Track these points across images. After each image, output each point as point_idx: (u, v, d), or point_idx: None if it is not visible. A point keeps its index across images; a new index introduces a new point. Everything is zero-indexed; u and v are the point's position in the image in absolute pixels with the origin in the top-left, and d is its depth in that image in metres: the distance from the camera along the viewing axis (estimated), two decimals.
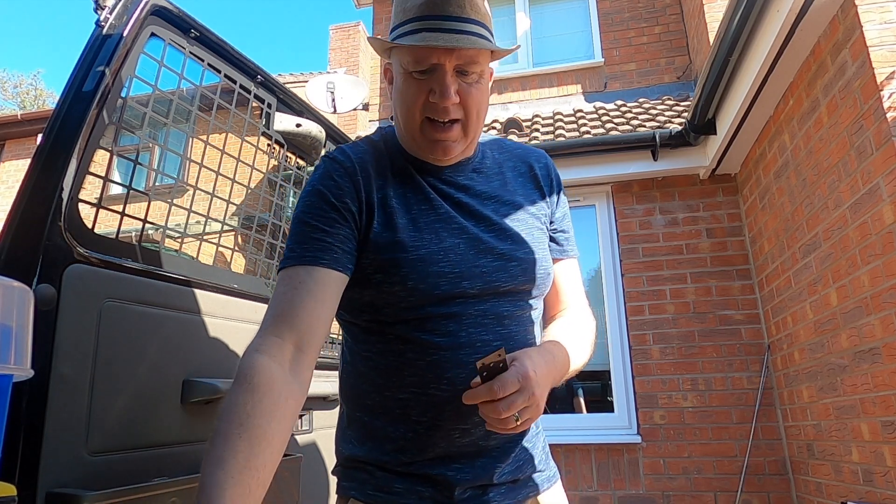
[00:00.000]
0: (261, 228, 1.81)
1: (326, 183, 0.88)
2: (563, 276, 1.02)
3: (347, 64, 7.07)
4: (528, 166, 1.02)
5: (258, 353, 0.77)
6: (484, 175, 0.97)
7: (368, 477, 0.88)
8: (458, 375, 0.84)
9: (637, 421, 3.90)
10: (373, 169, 0.91)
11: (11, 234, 1.01)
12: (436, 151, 0.89)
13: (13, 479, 0.92)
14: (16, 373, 0.65)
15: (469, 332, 0.86)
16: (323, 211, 0.86)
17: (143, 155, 1.40)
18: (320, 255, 0.83)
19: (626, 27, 5.73)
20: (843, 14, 2.51)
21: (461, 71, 0.84)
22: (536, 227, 0.96)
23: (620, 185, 4.31)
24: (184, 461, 1.23)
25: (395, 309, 0.87)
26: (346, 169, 0.89)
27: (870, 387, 2.50)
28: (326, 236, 0.84)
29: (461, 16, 0.82)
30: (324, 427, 1.74)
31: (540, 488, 0.93)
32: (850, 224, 2.57)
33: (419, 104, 0.85)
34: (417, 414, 0.86)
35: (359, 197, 0.88)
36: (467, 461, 0.86)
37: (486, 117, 0.92)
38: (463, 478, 0.85)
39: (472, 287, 0.86)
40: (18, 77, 27.13)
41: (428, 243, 0.87)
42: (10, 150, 8.53)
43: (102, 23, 1.17)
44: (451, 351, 0.85)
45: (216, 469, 0.66)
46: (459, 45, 0.81)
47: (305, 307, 0.80)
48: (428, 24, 0.82)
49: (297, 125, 1.78)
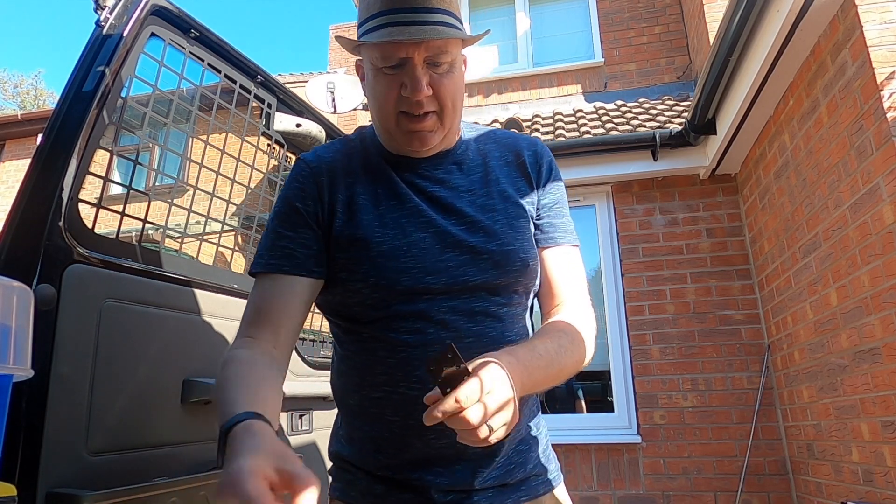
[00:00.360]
0: (261, 228, 1.81)
1: (292, 186, 0.92)
2: (554, 265, 0.95)
3: (347, 64, 7.07)
4: (516, 154, 0.98)
5: (235, 348, 0.83)
6: (465, 167, 0.94)
7: (352, 479, 0.89)
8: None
9: (637, 421, 3.90)
10: (341, 168, 0.92)
11: (11, 234, 1.01)
12: (413, 143, 0.88)
13: (13, 479, 0.92)
14: (16, 373, 0.65)
15: (437, 329, 0.83)
16: (287, 216, 0.90)
17: (143, 155, 1.40)
18: (283, 262, 0.87)
19: (626, 27, 5.73)
20: (843, 14, 2.51)
21: (431, 62, 0.82)
22: (519, 216, 0.92)
23: (620, 185, 4.31)
24: (184, 461, 1.23)
25: (362, 308, 0.86)
26: (311, 170, 0.92)
27: (870, 387, 2.50)
28: (290, 242, 0.88)
29: (425, 6, 0.80)
30: (324, 427, 1.74)
31: (536, 491, 0.90)
32: (850, 224, 2.57)
33: (392, 99, 0.84)
34: (390, 413, 0.85)
35: (321, 198, 0.90)
36: (446, 465, 0.84)
37: (462, 105, 0.90)
38: (441, 482, 0.84)
39: (436, 282, 0.84)
40: (18, 77, 27.16)
41: (391, 238, 0.86)
42: (10, 150, 8.52)
43: (102, 23, 1.17)
44: (420, 348, 0.83)
45: (229, 407, 0.69)
46: (425, 38, 0.79)
47: (273, 312, 0.86)
48: (392, 19, 0.80)
49: (297, 125, 1.78)
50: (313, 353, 1.83)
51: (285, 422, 1.60)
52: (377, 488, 0.87)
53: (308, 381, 1.67)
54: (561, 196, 0.99)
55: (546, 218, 0.96)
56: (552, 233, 0.96)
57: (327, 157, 0.94)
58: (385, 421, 0.86)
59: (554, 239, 0.96)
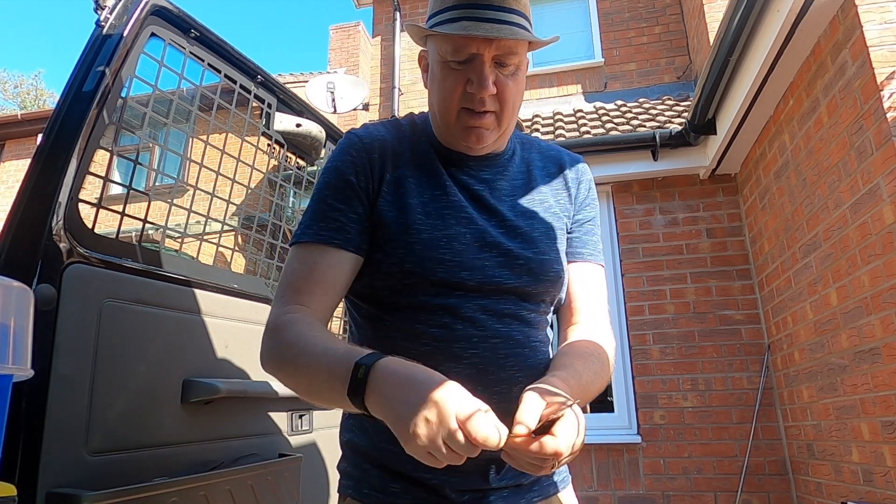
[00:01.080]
0: (261, 228, 1.81)
1: (344, 159, 0.89)
2: (577, 280, 0.95)
3: (347, 64, 7.07)
4: (559, 167, 1.00)
5: (287, 314, 0.81)
6: (509, 172, 0.95)
7: (363, 475, 0.87)
8: (450, 370, 0.78)
9: (637, 421, 3.90)
10: (391, 148, 0.91)
11: (11, 234, 1.01)
12: (469, 139, 0.87)
13: (13, 479, 0.92)
14: (16, 373, 0.65)
15: (465, 326, 0.83)
16: (339, 188, 0.87)
17: (143, 155, 1.40)
18: (334, 234, 0.84)
19: (626, 27, 5.73)
20: (843, 14, 2.51)
21: (499, 62, 0.83)
22: (556, 227, 0.93)
23: (620, 185, 4.31)
24: (184, 461, 1.23)
25: (390, 292, 0.85)
26: (364, 145, 0.90)
27: (870, 387, 2.50)
28: (341, 215, 0.85)
29: (502, 5, 0.81)
30: (324, 427, 1.74)
31: (547, 492, 0.91)
32: (850, 224, 2.57)
33: (457, 94, 0.84)
34: None
35: (371, 173, 0.88)
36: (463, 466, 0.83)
37: (519, 109, 0.90)
38: (456, 482, 0.83)
39: (471, 279, 0.84)
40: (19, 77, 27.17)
41: (432, 228, 0.85)
42: (10, 150, 8.53)
43: (102, 23, 1.17)
44: (445, 343, 0.82)
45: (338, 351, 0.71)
46: (500, 36, 0.79)
47: (319, 286, 0.83)
48: (468, 14, 0.80)
49: (297, 125, 1.78)
50: None
51: (285, 422, 1.60)
52: (393, 486, 0.85)
53: None
54: (595, 215, 1.00)
55: (577, 233, 0.97)
56: (580, 248, 0.97)
57: (378, 135, 0.92)
58: None
59: (581, 255, 0.96)
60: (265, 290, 1.64)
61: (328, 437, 1.76)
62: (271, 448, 1.50)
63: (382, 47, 6.40)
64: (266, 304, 1.59)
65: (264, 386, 1.53)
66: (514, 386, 0.82)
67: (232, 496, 1.25)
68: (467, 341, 0.82)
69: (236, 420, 1.41)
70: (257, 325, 1.54)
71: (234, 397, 1.37)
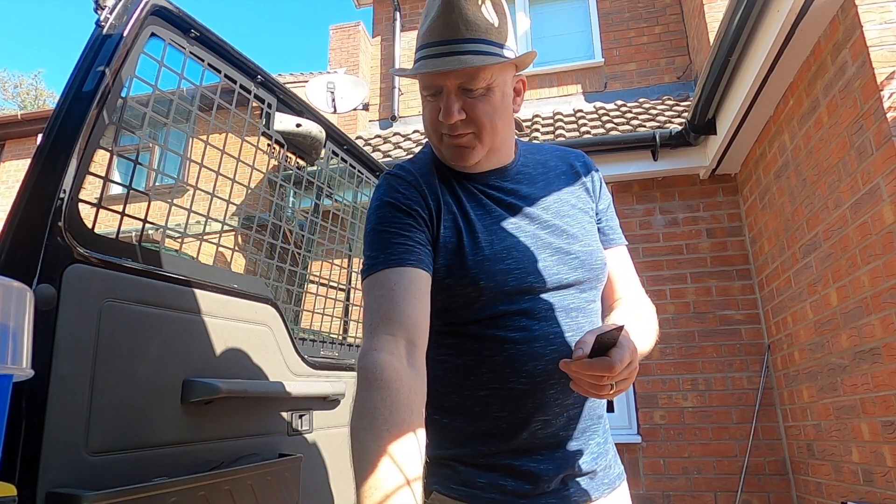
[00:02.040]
0: (261, 228, 1.81)
1: (394, 195, 0.93)
2: (615, 264, 1.04)
3: (347, 64, 7.06)
4: (570, 165, 1.06)
5: (377, 351, 0.78)
6: (527, 178, 1.01)
7: (451, 472, 0.90)
8: (535, 368, 0.88)
9: (637, 421, 3.91)
10: (433, 178, 0.97)
11: (11, 234, 1.01)
12: (455, 157, 0.95)
13: (13, 479, 0.92)
14: (15, 373, 0.65)
15: (542, 325, 0.89)
16: (397, 219, 0.90)
17: (143, 155, 1.40)
18: (406, 256, 0.87)
19: (626, 27, 5.73)
20: (843, 14, 2.51)
21: (465, 88, 0.89)
22: (586, 220, 1.00)
23: (620, 185, 4.31)
24: (184, 461, 1.23)
25: (468, 310, 0.90)
26: (409, 181, 0.95)
27: (870, 387, 2.50)
28: (406, 241, 0.88)
29: (455, 38, 0.87)
30: (324, 427, 1.74)
31: (613, 484, 0.96)
32: (850, 224, 2.57)
33: (434, 123, 0.93)
34: (497, 409, 0.89)
35: (427, 204, 0.93)
36: (548, 452, 0.89)
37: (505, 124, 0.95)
38: (546, 469, 0.88)
39: (537, 282, 0.90)
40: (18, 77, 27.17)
41: (490, 244, 0.91)
42: (10, 150, 8.52)
43: (102, 23, 1.17)
44: (527, 345, 0.88)
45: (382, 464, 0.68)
46: (448, 68, 0.86)
47: (408, 304, 0.83)
48: (428, 52, 0.89)
49: (297, 125, 1.78)
50: (313, 353, 1.83)
51: (285, 422, 1.60)
52: (479, 479, 0.88)
53: (308, 381, 1.67)
54: (610, 201, 1.09)
55: (604, 221, 1.05)
56: (611, 234, 1.05)
57: (418, 170, 0.98)
58: (491, 417, 0.89)
59: (613, 240, 1.05)
60: (265, 290, 1.64)
61: (328, 437, 1.76)
62: (271, 448, 1.50)
63: (382, 47, 6.40)
64: (266, 304, 1.59)
65: (264, 386, 1.53)
66: None
67: (232, 496, 1.25)
68: (545, 339, 0.88)
69: (236, 420, 1.41)
70: (257, 325, 1.54)
71: (234, 397, 1.37)
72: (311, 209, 2.12)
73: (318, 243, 2.12)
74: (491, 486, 0.88)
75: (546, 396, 0.87)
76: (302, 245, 2.02)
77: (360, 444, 0.71)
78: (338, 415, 1.82)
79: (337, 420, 1.82)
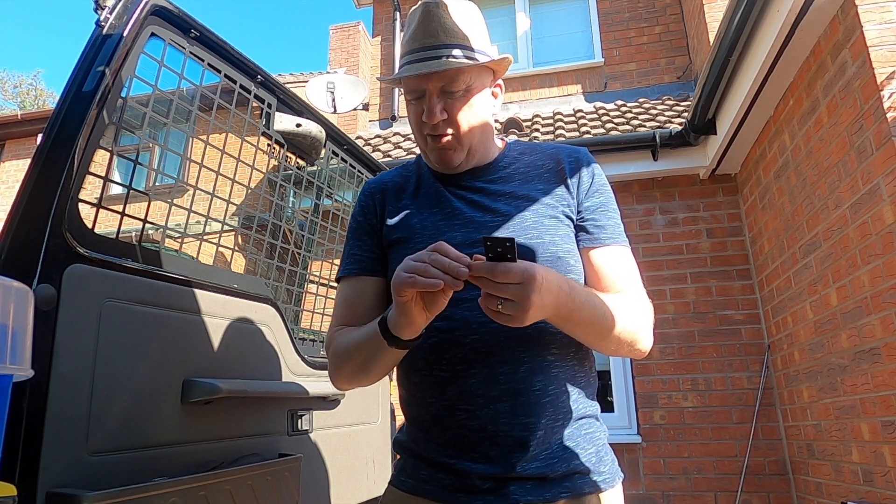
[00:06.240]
0: (261, 228, 1.81)
1: (357, 205, 1.11)
2: (602, 264, 0.99)
3: (347, 64, 7.07)
4: (557, 161, 1.05)
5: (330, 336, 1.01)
6: (503, 177, 1.04)
7: (403, 464, 1.00)
8: (455, 356, 0.91)
9: (637, 421, 3.91)
10: (394, 186, 1.09)
11: (11, 234, 1.01)
12: (440, 161, 1.01)
13: (13, 479, 0.92)
14: (15, 373, 0.65)
15: (464, 314, 0.90)
16: (354, 230, 1.09)
17: (143, 155, 1.41)
18: (353, 266, 1.05)
19: (626, 27, 5.73)
20: (843, 14, 2.51)
21: (446, 90, 0.95)
22: (549, 215, 0.98)
23: (620, 185, 4.31)
24: (184, 461, 1.23)
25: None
26: (371, 190, 1.10)
27: (870, 387, 2.50)
28: (358, 249, 1.06)
29: (434, 44, 0.93)
30: (324, 427, 1.74)
31: (580, 490, 0.90)
32: (850, 224, 2.57)
33: (419, 125, 0.99)
34: (428, 395, 0.95)
35: (376, 210, 1.07)
36: (482, 451, 0.89)
37: (482, 125, 1.00)
38: (478, 468, 0.88)
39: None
40: (18, 77, 27.19)
41: (427, 239, 0.95)
42: (10, 150, 8.52)
43: (102, 23, 1.17)
44: (448, 333, 0.91)
45: (370, 327, 0.89)
46: (430, 70, 0.92)
47: (351, 307, 1.03)
48: (409, 58, 0.95)
49: (297, 125, 1.78)
50: (313, 353, 1.83)
51: (285, 422, 1.60)
52: (422, 472, 0.94)
53: (308, 381, 1.67)
54: (605, 200, 1.04)
55: (590, 220, 1.01)
56: (598, 234, 1.00)
57: (385, 178, 1.12)
58: (426, 403, 0.95)
59: (599, 240, 1.00)
60: (265, 290, 1.64)
61: (328, 437, 1.76)
62: (271, 448, 1.50)
63: (382, 47, 6.40)
64: (266, 304, 1.59)
65: (264, 386, 1.53)
66: (519, 366, 0.89)
67: (232, 496, 1.25)
68: (466, 327, 0.90)
69: (236, 420, 1.41)
70: (257, 325, 1.54)
71: (234, 397, 1.37)
72: (311, 209, 2.12)
73: (318, 243, 2.12)
74: (431, 478, 0.92)
75: (468, 385, 0.89)
76: (302, 245, 2.02)
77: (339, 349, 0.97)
78: (338, 415, 1.82)
79: (337, 420, 1.82)
